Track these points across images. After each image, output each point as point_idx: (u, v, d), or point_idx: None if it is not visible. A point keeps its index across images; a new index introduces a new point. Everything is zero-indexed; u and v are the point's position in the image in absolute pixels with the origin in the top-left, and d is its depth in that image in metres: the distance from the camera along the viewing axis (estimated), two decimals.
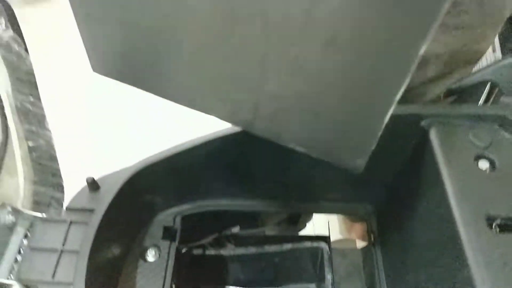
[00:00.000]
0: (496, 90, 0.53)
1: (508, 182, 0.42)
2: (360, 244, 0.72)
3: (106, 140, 1.43)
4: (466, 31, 0.66)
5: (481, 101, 0.57)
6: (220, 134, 0.50)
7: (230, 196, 0.60)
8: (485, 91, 0.56)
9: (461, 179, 0.42)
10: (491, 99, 0.54)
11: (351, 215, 0.61)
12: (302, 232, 0.76)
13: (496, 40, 0.75)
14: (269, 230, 0.72)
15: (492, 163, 0.43)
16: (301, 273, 0.68)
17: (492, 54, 0.76)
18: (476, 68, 0.82)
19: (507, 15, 0.67)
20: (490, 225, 0.40)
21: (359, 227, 1.01)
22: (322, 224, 0.72)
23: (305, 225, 0.76)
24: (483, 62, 0.78)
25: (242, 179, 0.58)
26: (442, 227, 0.43)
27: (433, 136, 0.46)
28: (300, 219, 0.71)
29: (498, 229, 0.40)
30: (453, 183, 0.42)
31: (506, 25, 0.75)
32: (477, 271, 0.36)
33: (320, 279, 0.62)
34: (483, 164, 0.43)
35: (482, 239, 0.38)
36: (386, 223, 0.57)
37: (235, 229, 0.69)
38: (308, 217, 0.81)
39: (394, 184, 0.54)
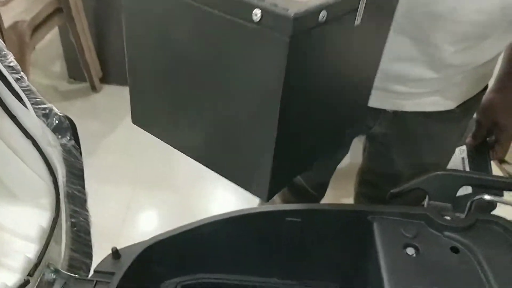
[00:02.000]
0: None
1: (428, 264, 0.55)
2: None
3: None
4: (426, 156, 0.83)
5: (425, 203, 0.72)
6: (224, 217, 0.65)
7: (226, 271, 0.74)
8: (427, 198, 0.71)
9: (392, 262, 0.56)
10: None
11: None
12: None
13: (466, 161, 0.91)
14: None
15: (417, 249, 0.57)
16: None
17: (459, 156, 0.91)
18: None
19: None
20: None
21: None
22: None
23: None
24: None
25: (238, 257, 0.71)
26: None
27: (375, 228, 0.60)
28: None
29: None
30: (386, 265, 0.56)
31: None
32: None
33: None
34: (410, 251, 0.57)
35: None
36: None
37: None
38: None
39: (352, 266, 0.67)
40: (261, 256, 0.70)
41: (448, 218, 0.60)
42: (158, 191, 1.74)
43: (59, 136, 0.60)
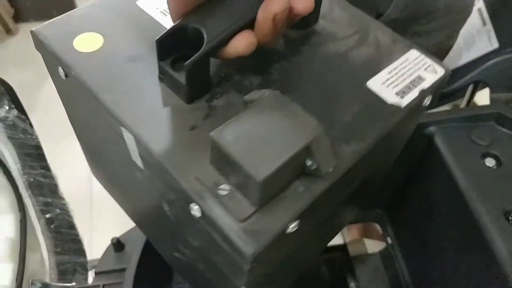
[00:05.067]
0: (479, 87, 0.56)
1: None
2: (368, 242, 0.74)
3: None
4: (438, 32, 0.70)
5: (464, 101, 0.60)
6: None
7: None
8: (467, 92, 0.59)
9: (472, 178, 0.45)
10: (474, 97, 0.57)
11: (364, 221, 0.63)
12: None
13: (485, 12, 0.76)
14: None
15: (497, 160, 0.46)
16: (320, 285, 0.69)
17: (483, 28, 0.76)
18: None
19: (471, 10, 0.71)
20: (507, 219, 0.43)
21: (358, 225, 1.03)
22: None
23: None
24: (475, 36, 0.78)
25: None
26: (462, 225, 0.45)
27: (439, 141, 0.48)
28: None
29: None
30: (467, 183, 0.44)
31: None
32: (508, 265, 0.38)
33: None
34: (489, 162, 0.46)
35: (505, 233, 0.40)
36: (400, 225, 0.59)
37: None
38: None
39: (403, 189, 0.56)
40: None
41: None
42: None
43: None
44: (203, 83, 0.29)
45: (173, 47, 0.28)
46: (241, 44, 0.26)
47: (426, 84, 0.33)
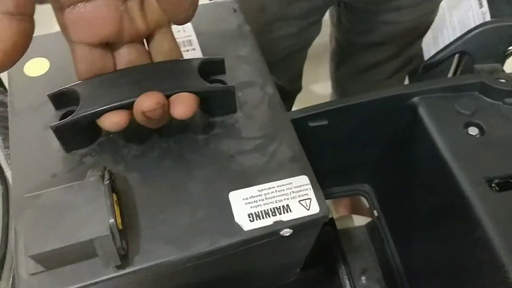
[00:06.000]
0: (464, 59, 0.57)
1: (497, 145, 0.45)
2: (357, 218, 0.75)
3: None
4: (414, 8, 0.70)
5: (451, 72, 0.60)
6: None
7: None
8: (453, 62, 0.59)
9: (455, 147, 0.45)
10: (460, 69, 0.57)
11: (351, 196, 0.63)
12: None
13: None
14: None
15: (480, 129, 0.46)
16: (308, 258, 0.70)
17: (479, 11, 0.76)
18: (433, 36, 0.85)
19: None
20: (490, 186, 0.43)
21: (346, 202, 1.04)
22: None
23: None
24: (470, 19, 0.78)
25: None
26: (445, 194, 0.46)
27: (422, 111, 0.48)
28: None
29: (497, 189, 0.43)
30: (450, 152, 0.45)
31: None
32: (491, 231, 0.39)
33: (332, 261, 0.64)
34: (473, 131, 0.47)
35: (488, 200, 0.41)
36: (386, 198, 0.60)
37: None
38: None
39: (388, 161, 0.56)
40: None
41: (503, 81, 0.49)
42: None
43: None
44: (78, 141, 0.31)
45: (68, 102, 0.31)
46: (108, 121, 0.28)
47: (286, 217, 0.29)
